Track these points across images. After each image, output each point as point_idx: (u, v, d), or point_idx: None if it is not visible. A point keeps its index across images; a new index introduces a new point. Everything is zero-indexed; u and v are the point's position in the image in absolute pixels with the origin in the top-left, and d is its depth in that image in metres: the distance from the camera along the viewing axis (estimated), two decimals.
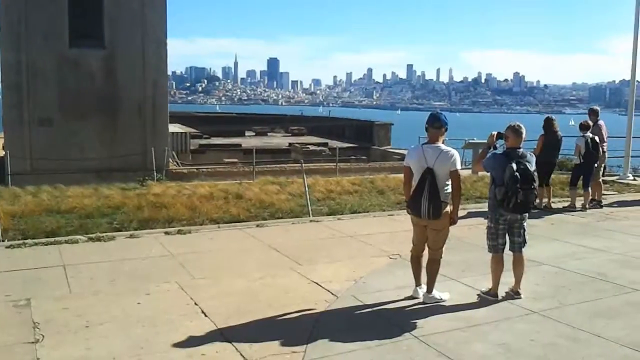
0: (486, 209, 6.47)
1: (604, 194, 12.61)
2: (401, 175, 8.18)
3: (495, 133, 6.25)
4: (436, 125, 5.96)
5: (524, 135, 6.14)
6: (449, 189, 5.91)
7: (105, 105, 18.28)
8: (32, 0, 17.37)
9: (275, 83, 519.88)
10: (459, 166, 5.92)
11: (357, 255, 8.06)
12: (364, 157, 26.45)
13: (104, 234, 8.87)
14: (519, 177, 5.81)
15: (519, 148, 6.09)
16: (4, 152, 17.62)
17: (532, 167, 6.03)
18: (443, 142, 6.05)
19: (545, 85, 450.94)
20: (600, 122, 12.30)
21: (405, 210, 6.60)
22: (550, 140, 11.60)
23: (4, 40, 17.48)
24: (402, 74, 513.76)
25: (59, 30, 17.74)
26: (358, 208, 11.47)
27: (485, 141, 6.45)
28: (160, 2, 18.70)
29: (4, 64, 17.63)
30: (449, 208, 5.93)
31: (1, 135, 21.24)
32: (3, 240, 8.49)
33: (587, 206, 11.73)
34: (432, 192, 5.77)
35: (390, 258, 7.88)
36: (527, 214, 6.17)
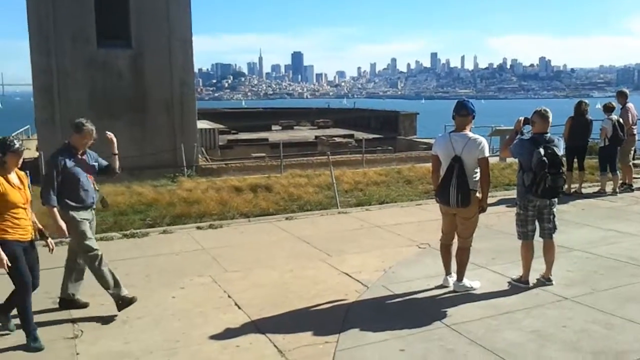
0: (515, 196, 6.46)
1: (634, 178, 12.43)
2: (428, 165, 8.19)
3: (522, 118, 6.22)
4: (463, 113, 5.95)
5: (550, 120, 6.09)
6: (478, 176, 5.90)
7: (134, 104, 18.56)
8: (59, 4, 17.67)
9: (299, 76, 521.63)
10: (487, 153, 5.90)
11: (386, 245, 8.10)
12: (390, 148, 26.38)
13: (138, 231, 9.07)
14: (546, 162, 5.77)
15: (546, 133, 6.05)
16: (37, 154, 18.03)
17: (560, 151, 5.99)
18: (470, 130, 6.04)
19: (572, 69, 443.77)
20: (629, 104, 12.05)
21: (433, 200, 6.63)
22: (578, 123, 11.45)
23: (34, 44, 17.82)
24: (427, 63, 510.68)
25: (86, 31, 18.04)
26: (386, 198, 11.49)
27: (512, 128, 6.43)
28: (185, 0, 18.88)
29: (34, 67, 17.98)
30: (477, 196, 5.93)
31: (35, 137, 21.75)
32: (40, 239, 8.71)
33: (617, 190, 11.57)
34: (461, 181, 5.77)
35: (420, 247, 7.90)
36: (556, 200, 6.13)
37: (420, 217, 9.82)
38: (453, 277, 6.19)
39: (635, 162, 13.66)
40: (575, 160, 11.76)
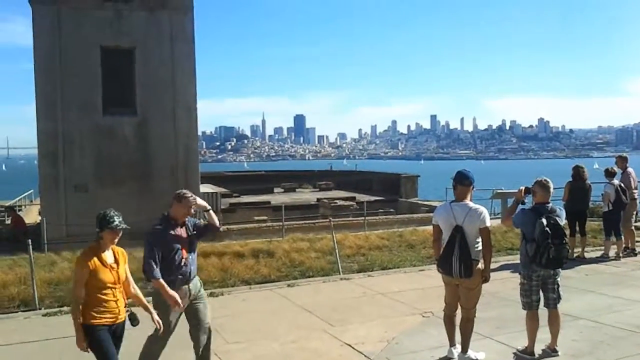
0: (518, 261, 6.44)
1: (637, 241, 12.39)
2: (429, 228, 8.20)
3: (523, 188, 6.29)
4: (466, 183, 6.00)
5: (551, 190, 6.15)
6: (480, 246, 5.89)
7: (138, 171, 18.67)
8: (66, 71, 18.06)
9: (302, 138, 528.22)
10: (488, 223, 5.91)
11: (389, 314, 8.01)
12: (391, 210, 26.38)
13: None
14: (549, 232, 5.79)
15: (548, 203, 6.09)
16: (40, 219, 18.04)
17: (562, 221, 6.02)
18: (471, 199, 6.09)
19: (571, 130, 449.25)
20: (629, 169, 12.18)
21: (435, 265, 6.60)
22: (577, 187, 11.51)
23: (40, 111, 18.11)
24: (426, 125, 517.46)
25: (93, 99, 18.35)
26: (388, 264, 11.45)
27: (514, 190, 6.49)
28: (191, 69, 19.29)
29: (40, 133, 18.21)
30: (480, 265, 5.92)
31: (37, 202, 21.81)
32: (40, 308, 8.66)
33: (620, 255, 11.54)
34: (463, 251, 5.77)
35: (423, 316, 7.82)
36: (560, 270, 6.11)
37: (423, 283, 9.75)
38: (458, 349, 6.09)
39: (637, 224, 13.66)
40: (577, 224, 11.75)
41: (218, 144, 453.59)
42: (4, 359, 6.52)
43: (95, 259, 4.62)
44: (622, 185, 11.66)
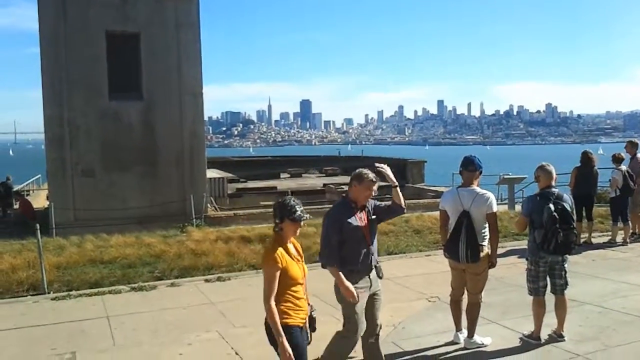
0: (524, 246, 6.44)
1: None
2: (436, 214, 8.19)
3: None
4: (471, 168, 5.98)
5: (554, 173, 6.13)
6: (486, 231, 5.89)
7: (144, 156, 18.70)
8: (72, 56, 18.04)
9: (308, 124, 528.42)
10: (495, 209, 5.90)
11: (395, 298, 8.02)
12: None
13: (146, 284, 9.05)
14: (557, 217, 5.78)
15: (553, 187, 6.07)
16: (47, 203, 18.14)
17: (570, 207, 6.00)
18: (478, 185, 6.07)
19: (579, 115, 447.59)
20: (639, 155, 12.10)
21: (442, 251, 6.61)
22: (584, 173, 11.45)
23: (46, 96, 18.11)
24: (433, 110, 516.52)
25: (99, 84, 18.35)
26: (394, 249, 11.45)
27: (521, 176, 6.48)
28: (196, 55, 19.25)
29: (46, 119, 18.23)
30: (486, 251, 5.92)
31: (45, 187, 21.91)
32: (48, 292, 8.73)
33: (628, 240, 11.50)
34: (470, 236, 5.77)
35: (429, 301, 7.84)
36: (568, 255, 6.10)
37: (430, 268, 9.76)
38: (464, 333, 6.11)
39: None
40: (584, 210, 11.72)
41: (224, 129, 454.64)
42: (13, 343, 6.58)
43: (283, 252, 4.16)
44: (630, 171, 11.61)
